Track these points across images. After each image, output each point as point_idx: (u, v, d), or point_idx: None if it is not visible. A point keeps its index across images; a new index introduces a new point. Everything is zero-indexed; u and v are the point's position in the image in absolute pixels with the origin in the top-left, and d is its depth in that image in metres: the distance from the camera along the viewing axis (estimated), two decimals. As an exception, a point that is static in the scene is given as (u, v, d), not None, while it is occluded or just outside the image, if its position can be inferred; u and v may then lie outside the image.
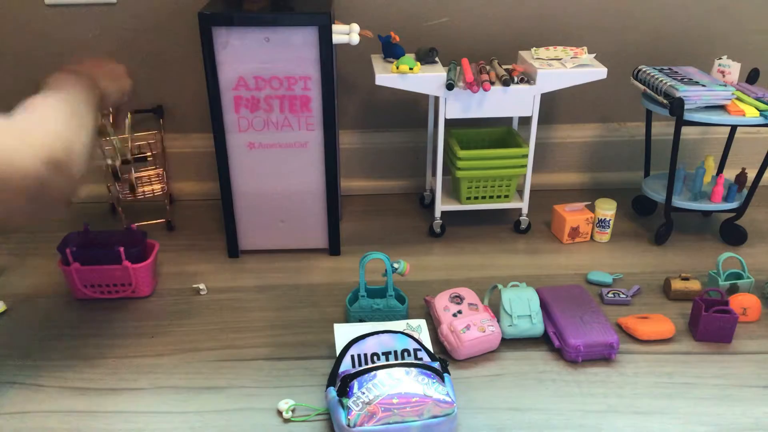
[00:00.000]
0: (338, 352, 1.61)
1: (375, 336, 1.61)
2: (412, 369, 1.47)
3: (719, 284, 1.94)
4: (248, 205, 2.14)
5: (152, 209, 2.45)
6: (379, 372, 1.46)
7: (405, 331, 1.64)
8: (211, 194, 2.55)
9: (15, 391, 1.62)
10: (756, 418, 1.55)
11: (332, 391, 1.48)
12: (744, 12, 2.41)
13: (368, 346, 1.59)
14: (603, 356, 1.72)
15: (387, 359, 1.57)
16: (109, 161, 1.65)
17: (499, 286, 1.84)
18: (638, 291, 1.99)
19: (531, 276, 2.06)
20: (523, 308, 1.77)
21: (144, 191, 2.33)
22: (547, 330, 1.78)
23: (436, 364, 1.53)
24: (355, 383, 1.45)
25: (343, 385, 1.46)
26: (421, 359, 1.57)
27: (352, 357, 1.57)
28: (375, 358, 1.57)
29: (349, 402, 1.42)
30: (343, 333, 1.68)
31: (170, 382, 1.63)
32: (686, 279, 1.96)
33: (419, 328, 1.73)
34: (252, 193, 2.12)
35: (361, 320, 1.83)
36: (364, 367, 1.50)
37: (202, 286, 1.98)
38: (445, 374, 1.52)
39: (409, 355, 1.58)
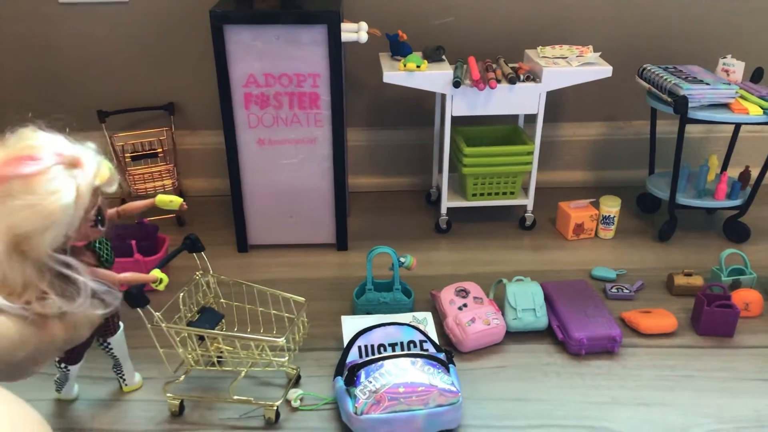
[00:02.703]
0: (345, 343, 1.64)
1: (382, 328, 1.64)
2: (418, 359, 1.50)
3: (722, 280, 1.96)
4: (257, 201, 2.17)
5: None
6: (386, 362, 1.49)
7: (411, 324, 1.67)
8: (220, 190, 2.58)
9: (33, 379, 1.65)
10: (756, 410, 1.57)
11: (340, 381, 1.52)
12: (748, 12, 2.43)
13: (375, 338, 1.62)
14: (606, 349, 1.74)
15: (393, 350, 1.60)
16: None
17: (504, 281, 1.87)
18: (641, 286, 2.02)
19: (536, 271, 2.09)
20: (527, 302, 1.80)
21: (155, 187, 2.37)
22: (551, 323, 1.80)
23: (442, 355, 1.56)
24: (363, 373, 1.49)
25: (350, 374, 1.49)
26: (426, 350, 1.60)
27: (360, 348, 1.61)
28: (381, 348, 1.61)
29: (356, 391, 1.46)
30: (351, 325, 1.71)
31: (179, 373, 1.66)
32: (689, 275, 1.99)
33: (425, 320, 1.76)
34: (261, 188, 2.15)
35: (368, 313, 1.86)
36: (371, 357, 1.53)
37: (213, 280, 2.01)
38: (450, 365, 1.55)
39: (414, 346, 1.61)
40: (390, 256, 1.87)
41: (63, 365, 1.52)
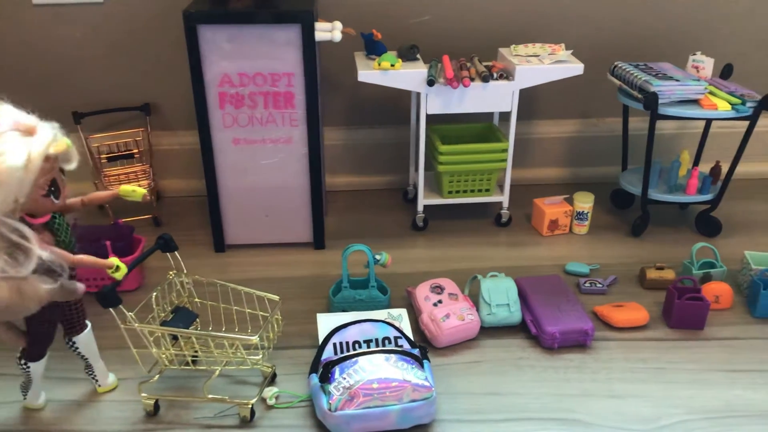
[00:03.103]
0: (321, 340, 1.65)
1: (357, 325, 1.65)
2: (392, 355, 1.51)
3: (693, 273, 2.00)
4: (234, 201, 2.17)
5: (139, 205, 2.43)
6: (360, 358, 1.50)
7: (386, 320, 1.68)
8: (197, 191, 2.58)
9: (4, 382, 1.65)
10: (726, 401, 1.60)
11: (314, 378, 1.53)
12: (718, 9, 2.47)
13: (350, 335, 1.63)
14: (579, 343, 1.76)
15: (368, 347, 1.61)
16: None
17: (479, 277, 1.89)
18: (614, 281, 2.04)
19: (511, 267, 2.11)
20: (501, 297, 1.82)
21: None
22: (524, 318, 1.82)
23: (416, 351, 1.58)
24: (337, 369, 1.50)
25: (325, 371, 1.50)
26: (401, 346, 1.61)
27: (335, 345, 1.62)
28: (356, 345, 1.62)
29: (331, 387, 1.47)
30: (326, 322, 1.72)
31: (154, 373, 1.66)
32: (661, 269, 2.02)
33: (400, 317, 1.77)
34: (237, 188, 2.16)
35: (344, 311, 1.87)
36: (345, 354, 1.54)
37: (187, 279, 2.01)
38: (425, 360, 1.57)
39: (389, 342, 1.62)
40: (365, 253, 1.89)
41: (23, 362, 1.49)
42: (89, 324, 1.55)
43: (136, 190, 1.43)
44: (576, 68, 2.15)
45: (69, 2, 2.33)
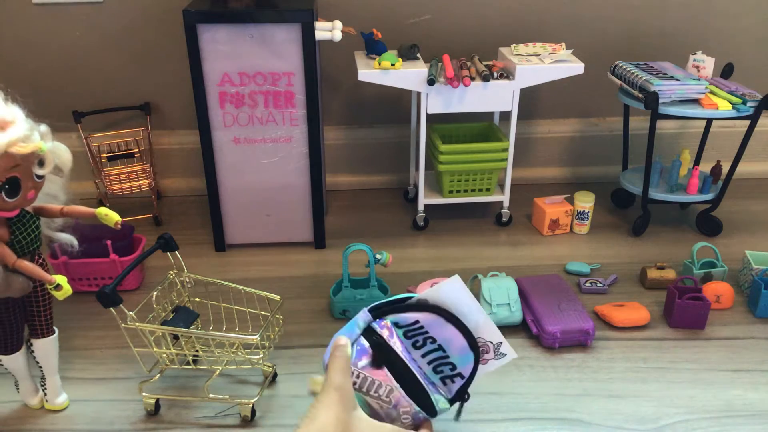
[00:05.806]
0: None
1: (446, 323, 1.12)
2: (434, 374, 1.11)
3: (693, 273, 2.00)
4: (234, 200, 2.17)
5: (140, 205, 2.48)
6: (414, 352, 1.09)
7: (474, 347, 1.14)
8: (198, 190, 2.58)
9: (4, 381, 1.65)
10: (726, 401, 1.60)
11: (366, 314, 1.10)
12: (719, 9, 2.47)
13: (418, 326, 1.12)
14: (579, 342, 1.76)
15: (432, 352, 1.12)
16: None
17: (479, 276, 1.89)
18: (615, 280, 2.04)
19: (512, 267, 2.11)
20: (502, 297, 1.82)
21: (131, 187, 2.36)
22: (525, 318, 1.82)
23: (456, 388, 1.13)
24: (393, 325, 1.09)
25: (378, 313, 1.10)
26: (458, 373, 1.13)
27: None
28: (429, 341, 1.09)
29: (363, 341, 1.07)
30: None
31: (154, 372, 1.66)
32: (662, 268, 2.02)
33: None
34: (238, 188, 2.16)
35: (345, 311, 1.87)
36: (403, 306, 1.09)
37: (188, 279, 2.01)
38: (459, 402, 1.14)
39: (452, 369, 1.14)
40: (366, 253, 1.88)
41: None
42: (56, 332, 1.51)
43: (110, 215, 1.41)
44: (576, 68, 2.15)
45: (69, 1, 2.33)
